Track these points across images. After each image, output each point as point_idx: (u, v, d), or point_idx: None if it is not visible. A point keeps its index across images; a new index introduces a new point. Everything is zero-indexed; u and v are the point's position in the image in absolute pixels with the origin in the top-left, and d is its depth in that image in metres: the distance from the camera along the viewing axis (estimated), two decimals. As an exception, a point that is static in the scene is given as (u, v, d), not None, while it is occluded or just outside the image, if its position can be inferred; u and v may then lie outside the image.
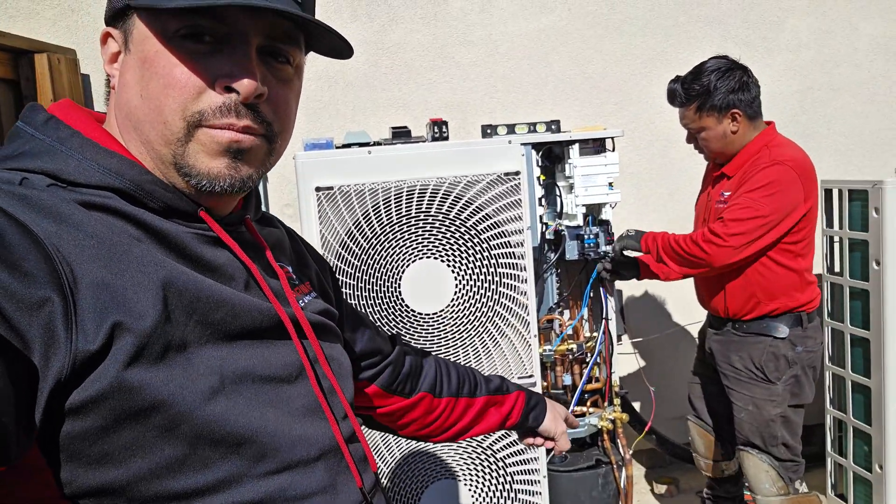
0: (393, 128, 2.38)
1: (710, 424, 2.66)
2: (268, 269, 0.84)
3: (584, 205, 2.37)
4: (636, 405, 3.11)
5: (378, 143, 2.33)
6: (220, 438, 0.68)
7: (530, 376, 2.33)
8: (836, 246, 2.79)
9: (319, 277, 0.99)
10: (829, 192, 2.77)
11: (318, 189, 2.14)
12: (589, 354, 2.57)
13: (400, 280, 2.21)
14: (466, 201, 2.21)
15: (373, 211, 2.17)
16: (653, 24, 3.25)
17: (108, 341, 0.62)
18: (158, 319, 0.65)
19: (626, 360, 3.10)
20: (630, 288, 3.04)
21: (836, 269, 2.79)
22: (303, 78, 0.81)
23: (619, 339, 2.61)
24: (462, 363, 2.25)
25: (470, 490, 2.30)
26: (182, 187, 0.73)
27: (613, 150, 2.42)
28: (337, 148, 2.29)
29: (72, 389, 0.61)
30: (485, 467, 2.33)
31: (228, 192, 0.73)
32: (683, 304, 3.34)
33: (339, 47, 0.78)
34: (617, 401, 2.54)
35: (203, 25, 0.69)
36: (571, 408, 2.53)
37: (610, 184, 2.37)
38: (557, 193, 2.46)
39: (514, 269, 2.27)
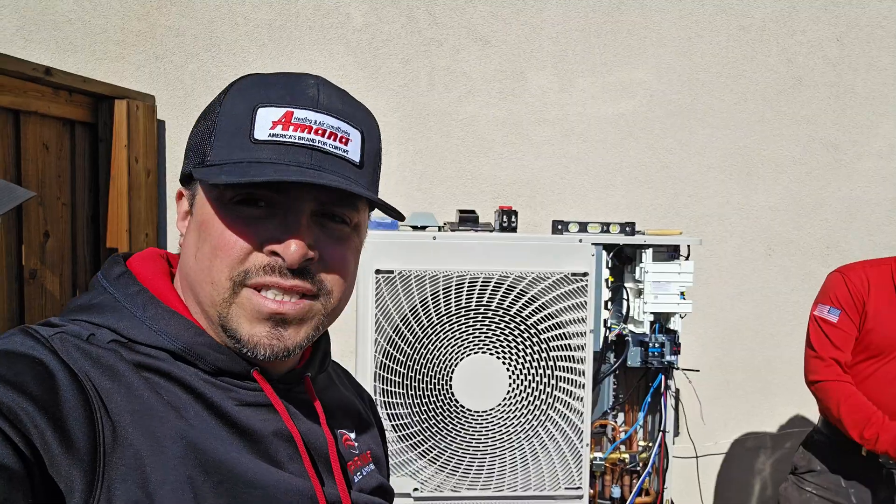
0: (460, 211, 2.31)
1: None
2: (321, 435, 0.78)
3: (652, 312, 2.25)
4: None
5: (444, 227, 2.26)
6: None
7: (578, 488, 2.20)
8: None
9: (381, 450, 0.94)
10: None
11: (377, 272, 2.08)
12: (642, 466, 2.42)
13: (452, 373, 2.12)
14: (529, 298, 2.12)
15: (431, 298, 2.10)
16: (737, 117, 3.13)
17: None
18: (181, 502, 0.63)
19: (680, 472, 2.93)
20: (690, 394, 2.88)
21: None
22: (364, 233, 0.81)
23: (673, 441, 2.46)
24: (508, 464, 2.14)
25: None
26: (231, 347, 0.73)
27: (688, 257, 2.30)
28: (401, 227, 2.23)
29: None
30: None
31: (271, 359, 0.72)
32: (745, 412, 3.16)
33: (390, 212, 0.78)
34: (667, 520, 2.38)
35: (258, 193, 0.70)
36: (618, 522, 2.38)
37: (682, 293, 2.25)
38: (625, 296, 2.35)
39: (572, 372, 2.16)
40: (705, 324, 3.12)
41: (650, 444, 2.43)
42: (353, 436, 0.86)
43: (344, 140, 0.73)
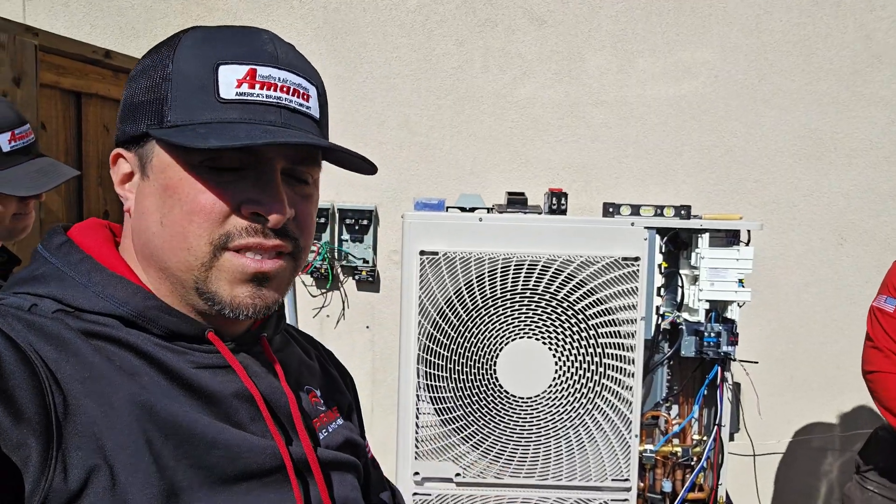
0: (509, 193, 2.26)
1: None
2: (281, 393, 0.77)
3: (708, 300, 2.16)
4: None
5: (492, 209, 2.22)
6: None
7: (625, 479, 2.13)
8: None
9: (350, 401, 0.93)
10: None
11: (422, 253, 2.05)
12: (695, 460, 2.33)
13: (497, 357, 2.08)
14: (578, 282, 2.05)
15: (476, 281, 2.06)
16: (808, 98, 2.97)
17: (85, 485, 0.60)
18: (140, 467, 0.62)
19: (736, 465, 2.82)
20: (748, 389, 2.76)
21: None
22: (319, 187, 0.81)
23: (731, 436, 2.35)
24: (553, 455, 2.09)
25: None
26: (203, 310, 0.72)
27: (749, 243, 2.19)
28: (448, 208, 2.20)
29: None
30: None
31: (253, 318, 0.72)
32: (809, 409, 3.01)
33: (362, 166, 0.77)
34: (721, 518, 2.28)
35: (229, 154, 0.69)
36: (669, 517, 2.30)
37: (741, 280, 2.14)
38: (679, 283, 2.25)
39: (621, 360, 2.09)
40: (769, 315, 2.98)
41: (705, 438, 2.34)
42: (318, 392, 0.84)
43: (305, 96, 0.72)
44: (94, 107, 2.43)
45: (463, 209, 2.21)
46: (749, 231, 2.20)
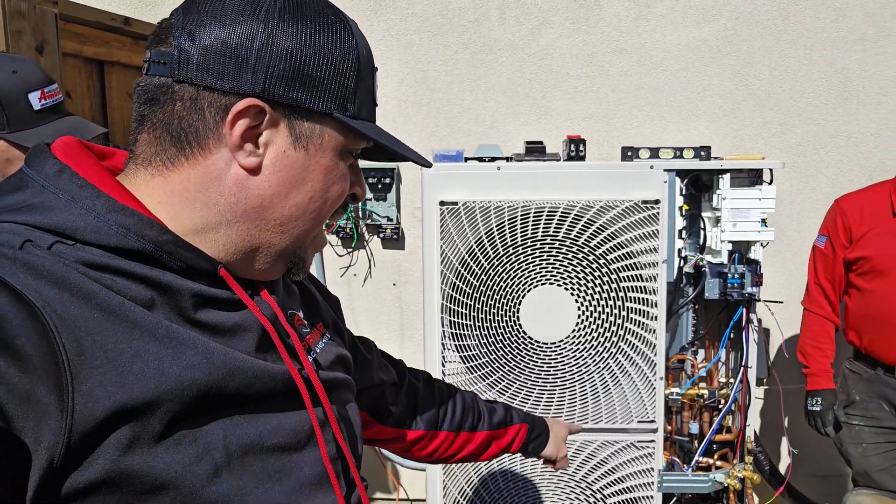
0: (527, 142, 2.26)
1: None
2: (280, 325, 0.79)
3: (731, 241, 2.15)
4: (774, 456, 2.82)
5: (509, 159, 2.22)
6: None
7: (651, 421, 2.15)
8: None
9: (332, 316, 0.96)
10: None
11: (442, 203, 2.07)
12: (722, 402, 2.34)
13: (520, 304, 2.10)
14: (598, 227, 2.06)
15: (497, 230, 2.07)
16: (834, 36, 2.89)
17: (108, 420, 0.58)
18: (163, 398, 0.62)
19: (765, 407, 2.82)
20: (773, 328, 2.74)
21: None
22: None
23: (759, 381, 2.36)
24: (570, 396, 2.12)
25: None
26: (269, 269, 0.76)
27: (771, 182, 2.17)
28: (467, 160, 2.21)
29: (69, 472, 0.58)
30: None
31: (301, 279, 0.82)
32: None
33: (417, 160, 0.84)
34: (749, 458, 2.30)
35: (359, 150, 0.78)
36: (696, 458, 2.32)
37: (763, 220, 2.12)
38: (702, 226, 2.24)
39: (644, 304, 2.10)
40: (797, 260, 2.95)
41: (731, 381, 2.34)
42: (301, 314, 0.86)
43: None
44: (116, 75, 2.47)
45: (481, 159, 2.22)
46: (771, 171, 2.18)
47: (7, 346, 0.55)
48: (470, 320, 2.11)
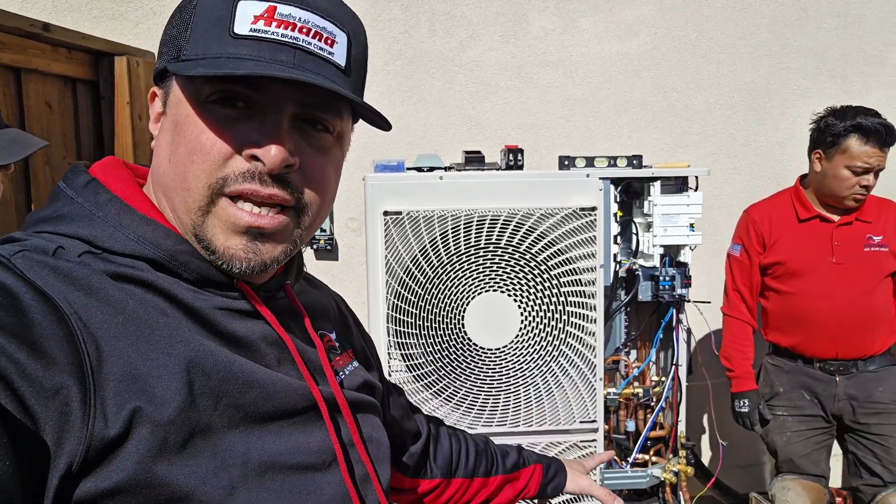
0: (466, 152, 2.30)
1: (827, 476, 2.61)
2: (306, 338, 0.78)
3: (662, 245, 2.25)
4: (701, 451, 2.96)
5: (450, 168, 2.26)
6: None
7: (593, 421, 2.22)
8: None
9: (363, 345, 0.94)
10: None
11: (386, 213, 2.08)
12: (655, 400, 2.44)
13: (464, 311, 2.13)
14: (539, 234, 2.12)
15: (440, 238, 2.10)
16: (743, 52, 3.09)
17: (128, 428, 0.58)
18: (182, 406, 0.61)
19: (693, 404, 2.95)
20: (701, 327, 2.89)
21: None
22: (346, 145, 0.77)
23: (688, 372, 2.48)
24: (522, 404, 2.16)
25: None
26: (210, 259, 0.70)
27: (697, 189, 2.29)
28: (408, 170, 2.22)
29: (87, 478, 0.57)
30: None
31: (247, 273, 0.69)
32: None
33: (376, 121, 0.73)
34: (682, 452, 2.40)
35: (237, 91, 0.66)
36: (633, 455, 2.41)
37: (691, 225, 2.24)
38: (634, 231, 2.34)
39: (583, 308, 2.17)
40: (714, 262, 3.11)
41: (663, 379, 2.45)
42: (332, 336, 0.86)
43: (329, 41, 0.68)
44: (34, 83, 2.35)
45: (421, 169, 2.24)
46: (697, 178, 2.30)
47: (37, 348, 0.55)
48: (415, 328, 2.12)
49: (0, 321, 0.54)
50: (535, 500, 1.32)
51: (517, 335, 2.16)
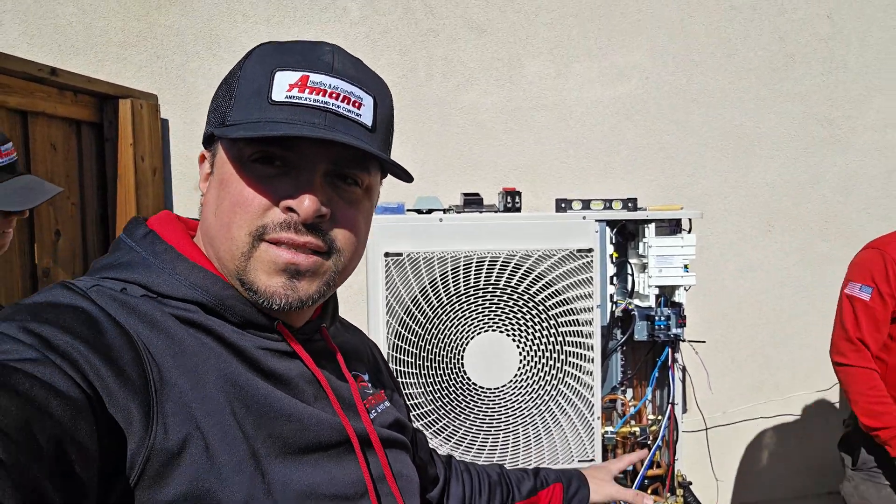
0: (465, 194, 2.35)
1: None
2: (340, 377, 0.84)
3: (657, 286, 2.29)
4: (697, 489, 2.97)
5: (449, 210, 2.30)
6: None
7: (591, 460, 2.24)
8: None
9: (393, 388, 0.99)
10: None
11: (387, 255, 2.12)
12: (652, 438, 2.46)
13: (464, 352, 2.16)
14: (536, 276, 2.16)
15: (440, 279, 2.14)
16: (731, 96, 3.18)
17: (183, 447, 0.65)
18: (226, 433, 0.67)
19: (688, 441, 2.97)
20: (696, 369, 2.92)
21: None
22: (375, 197, 0.86)
23: (684, 410, 2.50)
24: (511, 457, 2.18)
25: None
26: (252, 299, 0.78)
27: (690, 230, 2.34)
28: (408, 211, 2.27)
29: (144, 489, 0.62)
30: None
31: (286, 310, 0.76)
32: (751, 387, 3.21)
33: (401, 175, 0.82)
34: (679, 491, 2.42)
35: (274, 152, 0.74)
36: (631, 495, 2.42)
37: (685, 266, 2.29)
38: (629, 272, 2.39)
39: (581, 347, 2.20)
40: (708, 301, 3.16)
41: (660, 418, 2.47)
42: (365, 377, 0.91)
43: (357, 104, 0.76)
44: (40, 126, 2.40)
45: (421, 211, 2.29)
46: (690, 220, 2.36)
47: (113, 363, 0.63)
48: (415, 368, 2.14)
49: (86, 338, 0.63)
50: None
51: (516, 374, 2.18)
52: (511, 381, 2.18)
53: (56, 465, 0.53)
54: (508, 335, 2.17)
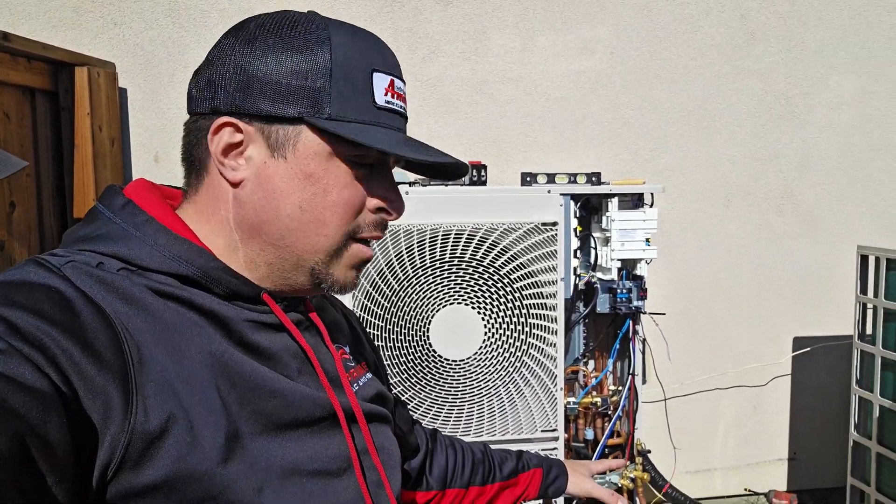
0: (431, 167, 2.35)
1: None
2: (324, 350, 0.83)
3: (619, 259, 2.33)
4: (656, 457, 3.05)
5: (415, 183, 2.30)
6: None
7: (553, 430, 2.28)
8: (870, 313, 2.73)
9: (374, 358, 0.98)
10: (864, 258, 2.71)
11: (353, 227, 2.11)
12: (613, 409, 2.52)
13: (429, 324, 2.17)
14: (502, 249, 2.17)
15: (406, 252, 2.14)
16: (694, 72, 3.21)
17: (165, 428, 0.63)
18: (211, 410, 0.66)
19: (648, 411, 3.05)
20: (656, 341, 2.99)
21: (868, 335, 2.74)
22: None
23: (644, 381, 2.56)
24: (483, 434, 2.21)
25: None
26: (295, 284, 0.79)
27: (652, 205, 2.38)
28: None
29: (126, 474, 0.61)
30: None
31: (344, 294, 0.82)
32: (709, 358, 3.29)
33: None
34: (639, 459, 2.49)
35: (370, 156, 0.76)
36: (591, 463, 2.48)
37: (647, 239, 2.33)
38: (592, 245, 2.42)
39: (544, 319, 2.23)
40: (669, 275, 3.22)
41: (620, 388, 2.53)
42: (347, 349, 0.90)
43: (405, 99, 0.81)
44: (-8, 93, 2.32)
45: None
46: (652, 194, 2.39)
47: (88, 346, 0.61)
48: (382, 341, 2.15)
49: (58, 321, 0.60)
50: (540, 502, 1.35)
51: (481, 346, 2.21)
52: (476, 353, 2.21)
53: (22, 466, 0.52)
54: (474, 308, 2.19)
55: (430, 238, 2.14)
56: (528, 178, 2.29)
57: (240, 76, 0.72)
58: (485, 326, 2.20)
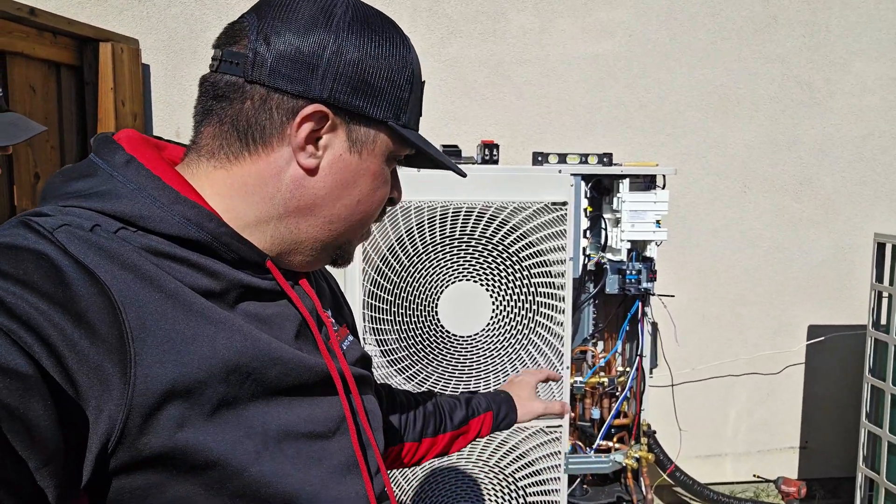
0: (443, 146, 2.37)
1: None
2: (317, 317, 0.84)
3: (629, 240, 2.34)
4: (662, 440, 3.06)
5: (427, 161, 2.33)
6: (263, 499, 0.69)
7: (559, 408, 2.31)
8: (885, 301, 2.71)
9: (352, 319, 1.01)
10: (881, 246, 2.69)
11: (364, 203, 2.14)
12: (620, 389, 2.54)
13: (438, 300, 2.20)
14: (511, 227, 2.20)
15: (416, 229, 2.17)
16: (713, 56, 3.19)
17: (164, 398, 0.62)
18: (212, 378, 0.66)
19: (656, 394, 3.06)
20: (665, 320, 2.99)
21: (883, 324, 2.72)
22: None
23: (650, 371, 2.58)
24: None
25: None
26: (318, 258, 0.82)
27: (664, 187, 2.39)
28: (386, 162, 2.29)
29: (125, 447, 0.61)
30: (505, 491, 2.31)
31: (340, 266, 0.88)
32: (720, 344, 3.29)
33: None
34: (644, 440, 2.51)
35: (402, 155, 0.83)
36: (597, 442, 2.51)
37: (658, 221, 2.33)
38: (603, 226, 2.43)
39: (552, 298, 2.25)
40: (682, 259, 3.22)
41: (628, 369, 2.55)
42: (329, 313, 0.92)
43: None
44: (19, 66, 2.38)
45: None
46: (664, 176, 2.40)
47: (80, 318, 0.58)
48: (390, 315, 2.19)
49: (48, 292, 0.57)
50: None
51: (489, 324, 2.24)
52: (484, 329, 2.24)
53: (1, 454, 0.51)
54: (482, 285, 2.22)
55: (440, 215, 2.17)
56: (539, 158, 2.30)
57: (350, 71, 0.73)
58: (493, 303, 2.23)
